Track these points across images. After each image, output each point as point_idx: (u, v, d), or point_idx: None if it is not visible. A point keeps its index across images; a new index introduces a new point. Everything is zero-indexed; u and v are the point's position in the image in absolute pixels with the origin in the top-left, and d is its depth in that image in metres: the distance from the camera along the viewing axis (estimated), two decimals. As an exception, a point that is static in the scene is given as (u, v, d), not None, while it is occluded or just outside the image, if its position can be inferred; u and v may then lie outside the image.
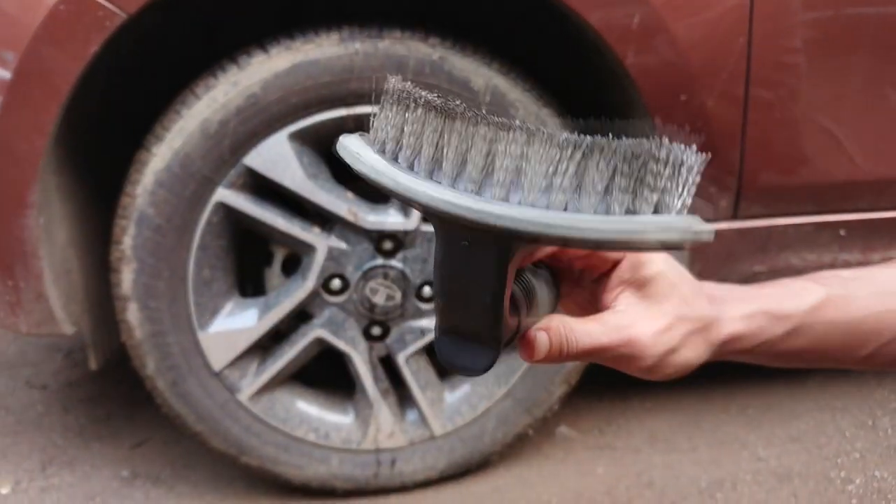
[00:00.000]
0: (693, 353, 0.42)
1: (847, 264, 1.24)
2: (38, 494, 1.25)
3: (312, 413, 1.19)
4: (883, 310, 0.47)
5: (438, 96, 0.36)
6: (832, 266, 1.23)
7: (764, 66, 1.08)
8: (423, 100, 0.36)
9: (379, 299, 1.14)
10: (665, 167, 0.33)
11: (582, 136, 0.34)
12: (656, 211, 0.33)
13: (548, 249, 0.42)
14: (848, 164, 1.17)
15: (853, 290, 0.47)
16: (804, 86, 1.11)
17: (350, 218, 1.09)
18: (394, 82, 0.37)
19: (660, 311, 0.40)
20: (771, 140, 1.13)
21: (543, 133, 0.34)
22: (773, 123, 1.12)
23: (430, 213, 0.35)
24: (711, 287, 0.45)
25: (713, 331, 0.42)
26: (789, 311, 0.45)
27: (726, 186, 1.15)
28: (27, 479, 1.29)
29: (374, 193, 1.14)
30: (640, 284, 0.41)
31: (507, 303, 0.37)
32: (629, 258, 0.41)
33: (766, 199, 1.18)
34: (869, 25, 1.11)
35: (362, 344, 1.17)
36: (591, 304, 0.43)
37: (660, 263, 0.41)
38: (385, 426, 1.19)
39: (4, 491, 1.26)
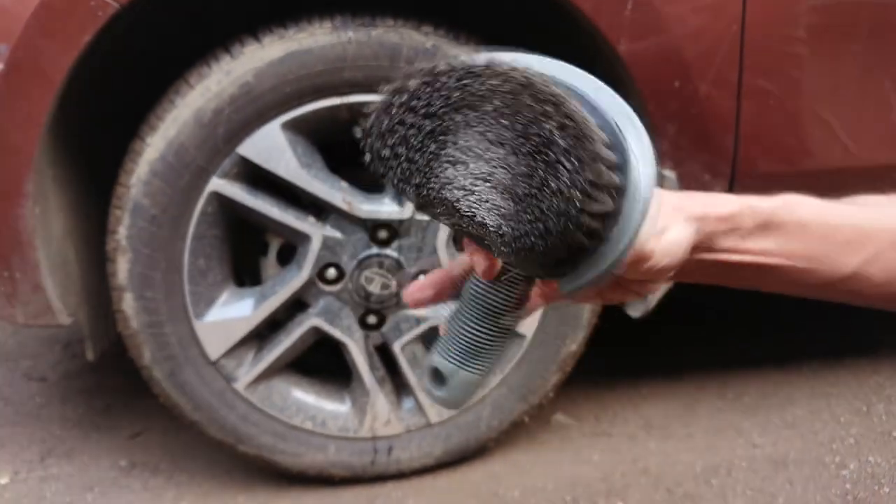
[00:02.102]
0: (677, 232, 0.42)
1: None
2: (37, 484, 1.25)
3: (309, 402, 1.20)
4: (864, 222, 0.46)
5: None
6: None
7: (757, 52, 1.08)
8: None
9: (374, 288, 1.14)
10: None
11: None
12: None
13: None
14: (843, 151, 1.17)
15: (830, 203, 0.47)
16: (798, 72, 1.11)
17: (345, 207, 1.10)
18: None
19: None
20: (765, 127, 1.13)
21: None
22: (767, 110, 1.12)
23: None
24: (682, 196, 0.45)
25: (686, 209, 0.43)
26: (757, 202, 0.45)
27: (720, 173, 1.15)
28: (26, 469, 1.30)
29: (368, 183, 1.14)
30: None
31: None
32: None
33: (760, 186, 1.18)
34: (864, 11, 1.11)
35: (358, 333, 1.17)
36: None
37: None
38: (381, 414, 1.19)
39: (3, 481, 1.26)
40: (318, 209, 1.12)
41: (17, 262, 1.06)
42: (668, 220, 0.42)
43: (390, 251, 1.13)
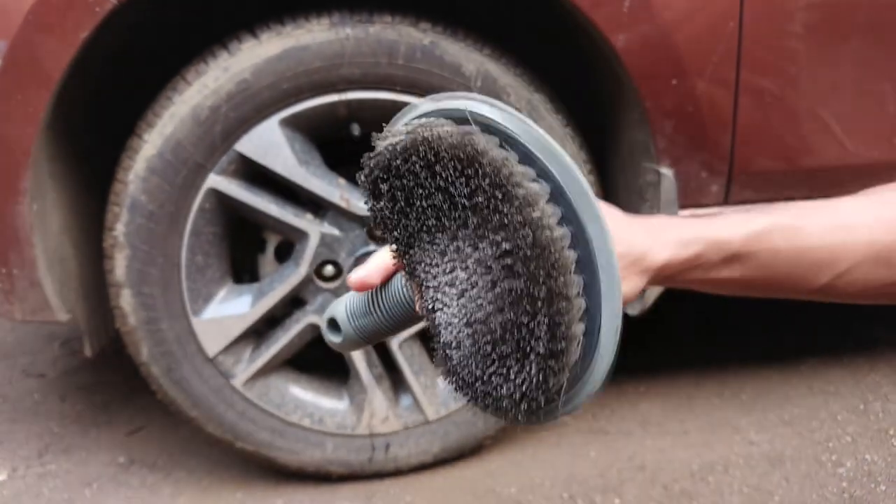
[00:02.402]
0: (629, 286, 0.42)
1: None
2: (36, 481, 1.26)
3: (307, 399, 1.20)
4: (837, 241, 0.46)
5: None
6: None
7: (755, 49, 1.08)
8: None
9: (372, 285, 1.14)
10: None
11: None
12: None
13: None
14: (840, 149, 1.17)
15: (807, 220, 0.46)
16: (795, 70, 1.11)
17: (342, 204, 1.10)
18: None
19: None
20: (762, 124, 1.13)
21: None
22: (764, 108, 1.12)
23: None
24: (651, 218, 0.45)
25: (646, 260, 0.42)
26: (727, 237, 0.44)
27: (717, 171, 1.15)
28: (24, 465, 1.30)
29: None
30: None
31: None
32: None
33: (757, 184, 1.18)
34: (861, 9, 1.11)
35: (356, 330, 1.17)
36: None
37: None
38: (379, 411, 1.20)
39: (1, 477, 1.27)
40: (316, 206, 1.12)
41: (14, 258, 1.06)
42: (623, 274, 0.42)
43: (388, 248, 1.13)
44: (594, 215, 0.33)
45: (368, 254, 1.13)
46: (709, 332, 1.75)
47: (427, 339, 1.21)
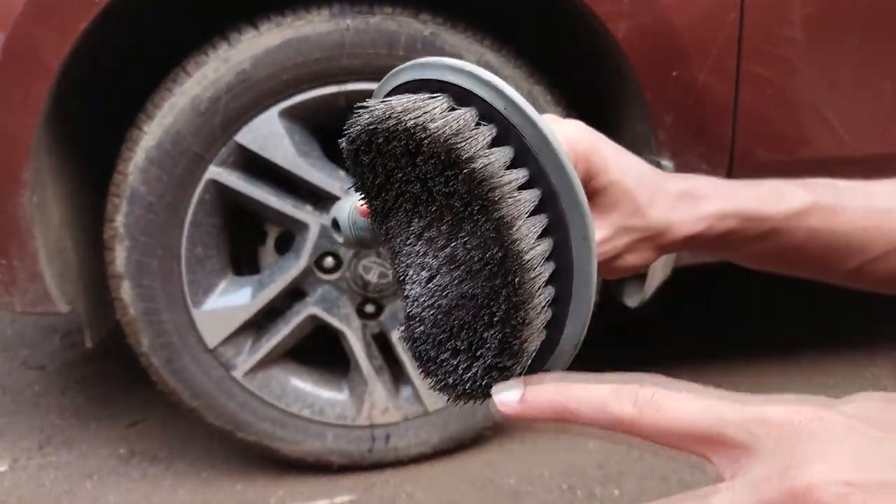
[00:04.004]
0: (638, 258, 0.42)
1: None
2: (36, 472, 1.26)
3: (307, 390, 1.20)
4: (872, 225, 0.45)
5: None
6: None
7: (756, 40, 1.08)
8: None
9: (372, 277, 1.14)
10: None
11: None
12: None
13: None
14: (840, 141, 1.17)
15: (844, 201, 0.45)
16: (796, 61, 1.11)
17: (342, 195, 1.10)
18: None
19: (602, 222, 0.41)
20: (763, 116, 1.13)
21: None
22: (764, 99, 1.12)
23: None
24: (689, 181, 0.43)
25: (666, 235, 0.42)
26: (768, 213, 0.43)
27: (718, 163, 1.15)
28: (25, 457, 1.30)
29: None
30: (590, 196, 0.40)
31: None
32: (580, 172, 0.39)
33: (757, 176, 1.18)
34: (861, 1, 1.11)
35: (356, 321, 1.18)
36: None
37: (614, 172, 0.40)
38: (379, 402, 1.20)
39: (2, 469, 1.27)
40: (316, 197, 1.12)
41: (15, 250, 1.06)
42: (631, 248, 0.41)
43: (388, 240, 1.13)
44: (583, 231, 0.31)
45: (368, 245, 1.13)
46: (708, 325, 1.75)
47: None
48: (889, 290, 0.49)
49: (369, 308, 1.18)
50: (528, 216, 0.31)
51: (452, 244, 0.33)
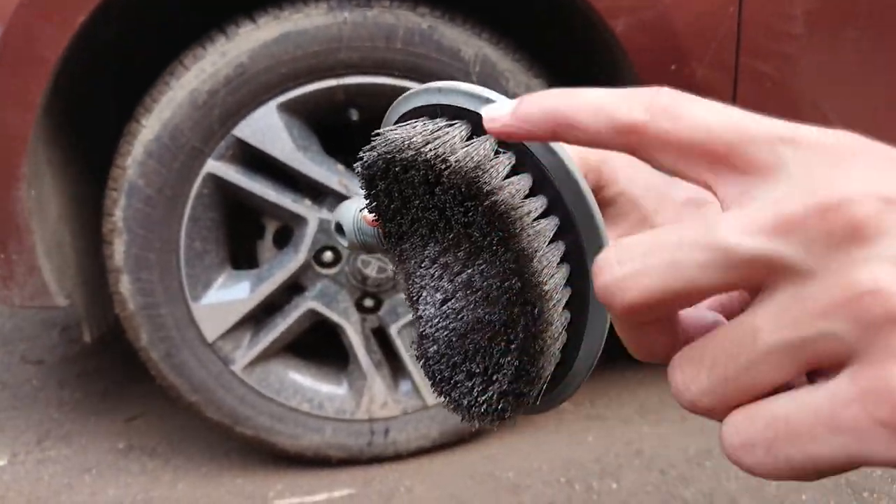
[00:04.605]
0: None
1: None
2: (35, 467, 1.26)
3: (306, 384, 1.20)
4: None
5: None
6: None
7: (754, 35, 1.07)
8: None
9: (371, 271, 1.14)
10: None
11: None
12: None
13: None
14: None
15: None
16: (795, 55, 1.11)
17: (341, 190, 1.10)
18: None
19: (612, 234, 0.40)
20: (761, 110, 1.12)
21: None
22: (763, 93, 1.12)
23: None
24: (698, 188, 0.42)
25: None
26: None
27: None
28: (24, 451, 1.30)
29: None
30: (600, 206, 0.40)
31: None
32: (592, 180, 0.38)
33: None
34: (861, -6, 1.11)
35: (355, 316, 1.18)
36: None
37: (623, 182, 0.39)
38: (378, 396, 1.20)
39: (1, 463, 1.27)
40: (315, 192, 1.12)
41: (13, 244, 1.06)
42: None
43: (386, 234, 1.13)
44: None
45: (367, 240, 1.13)
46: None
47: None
48: None
49: (368, 302, 1.18)
50: (547, 245, 0.31)
51: (469, 271, 0.33)
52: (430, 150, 0.31)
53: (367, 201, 0.35)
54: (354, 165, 0.35)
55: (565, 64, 1.20)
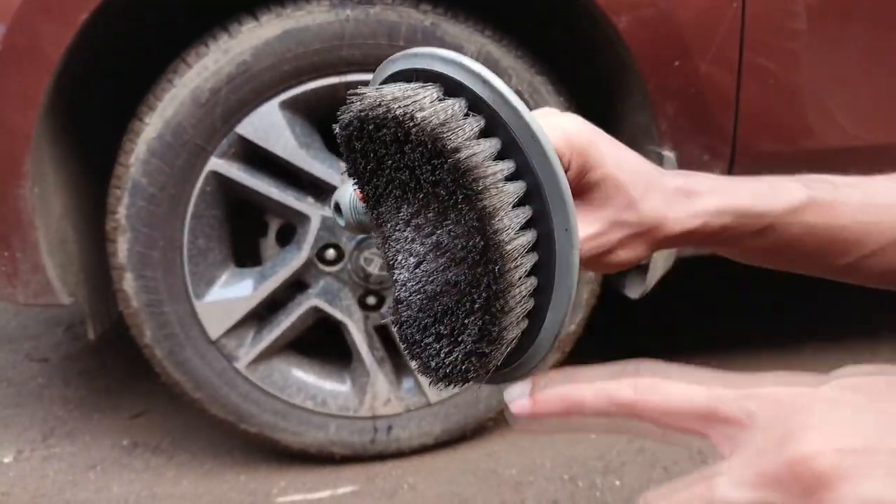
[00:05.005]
0: (631, 253, 0.42)
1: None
2: (40, 463, 1.27)
3: (310, 381, 1.20)
4: (870, 220, 0.44)
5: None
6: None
7: (758, 30, 1.07)
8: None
9: (373, 269, 1.14)
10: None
11: None
12: None
13: None
14: (842, 131, 1.17)
15: (842, 196, 0.44)
16: (799, 51, 1.11)
17: (343, 187, 1.10)
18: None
19: (596, 217, 0.40)
20: (765, 106, 1.12)
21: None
22: (767, 89, 1.11)
23: None
24: (686, 178, 0.43)
25: (659, 231, 0.41)
26: (763, 209, 0.43)
27: (720, 153, 1.15)
28: (29, 448, 1.31)
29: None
30: (585, 190, 0.40)
31: None
32: (576, 165, 0.39)
33: (759, 166, 1.18)
34: (865, -10, 1.10)
35: (358, 313, 1.18)
36: None
37: (609, 167, 0.40)
38: (381, 394, 1.20)
39: (7, 460, 1.28)
40: (317, 189, 1.12)
41: (17, 241, 1.06)
42: (623, 243, 0.41)
43: (389, 231, 1.13)
44: (566, 223, 0.32)
45: (369, 238, 1.13)
46: (710, 317, 1.75)
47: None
48: (884, 285, 0.48)
49: (371, 300, 1.18)
50: (513, 207, 0.32)
51: (438, 231, 0.33)
52: (400, 107, 0.32)
53: (346, 164, 0.36)
54: (333, 125, 0.36)
55: (568, 60, 1.20)
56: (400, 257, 0.36)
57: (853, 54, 1.13)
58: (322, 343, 1.26)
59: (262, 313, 1.18)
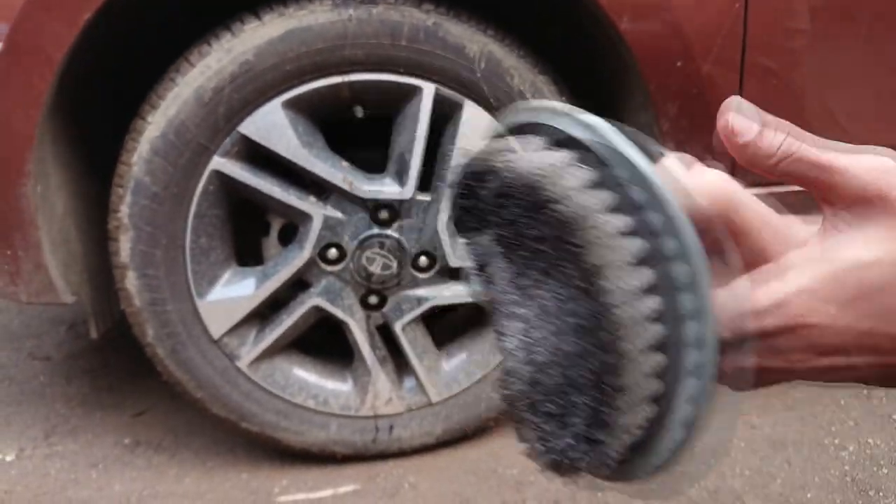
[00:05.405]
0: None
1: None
2: (42, 461, 1.27)
3: (311, 380, 1.21)
4: None
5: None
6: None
7: (760, 31, 1.07)
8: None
9: (375, 268, 1.15)
10: None
11: None
12: None
13: None
14: (845, 132, 1.17)
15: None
16: (801, 52, 1.10)
17: (346, 187, 1.10)
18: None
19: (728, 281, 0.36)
20: (767, 107, 1.12)
21: None
22: (769, 90, 1.11)
23: None
24: (814, 231, 0.35)
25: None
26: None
27: (721, 154, 1.15)
28: (31, 446, 1.31)
29: (369, 163, 1.14)
30: (717, 251, 0.34)
31: None
32: (714, 228, 0.33)
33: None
34: (869, -10, 1.10)
35: (359, 312, 1.18)
36: None
37: (752, 234, 0.34)
38: (383, 393, 1.20)
39: (9, 458, 1.28)
40: (320, 189, 1.12)
41: (19, 240, 1.07)
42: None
43: (391, 231, 1.13)
44: (699, 292, 0.27)
45: (371, 237, 1.13)
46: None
47: (430, 322, 1.22)
48: None
49: (373, 299, 1.18)
50: (630, 268, 0.27)
51: (543, 293, 0.30)
52: (500, 159, 0.30)
53: (455, 224, 0.33)
54: (446, 181, 0.34)
55: (570, 60, 1.20)
56: (507, 323, 0.32)
57: (855, 54, 1.13)
58: (324, 342, 1.26)
59: (264, 312, 1.18)
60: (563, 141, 0.30)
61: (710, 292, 0.28)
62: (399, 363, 1.22)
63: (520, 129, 0.32)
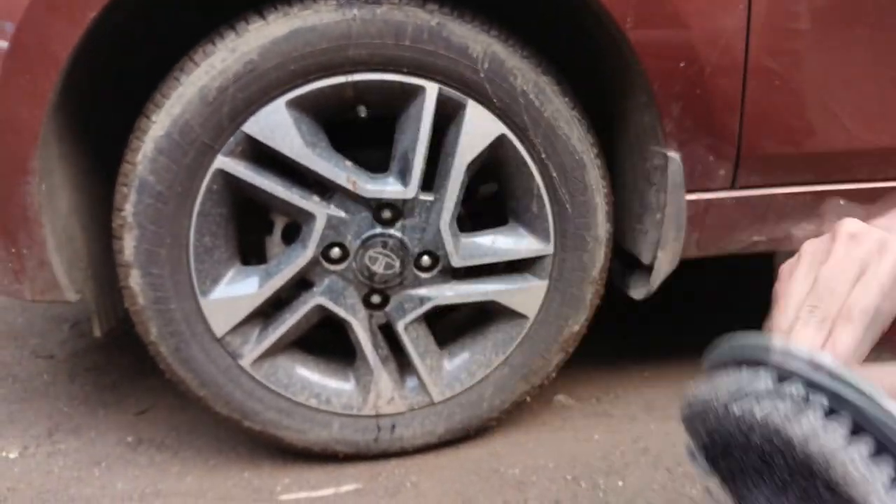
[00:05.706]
0: None
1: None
2: (45, 459, 1.27)
3: (314, 379, 1.21)
4: None
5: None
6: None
7: (764, 33, 1.07)
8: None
9: (378, 268, 1.15)
10: None
11: None
12: None
13: None
14: (847, 134, 1.17)
15: None
16: (804, 53, 1.11)
17: (349, 186, 1.10)
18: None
19: None
20: (770, 108, 1.13)
21: None
22: (772, 91, 1.11)
23: None
24: None
25: None
26: None
27: (725, 155, 1.15)
28: (34, 444, 1.32)
29: (372, 162, 1.15)
30: None
31: None
32: None
33: (765, 169, 1.18)
34: (872, -8, 1.10)
35: (362, 312, 1.18)
36: None
37: None
38: (385, 392, 1.20)
39: (12, 456, 1.28)
40: (323, 188, 1.13)
41: (23, 238, 1.07)
42: None
43: (394, 231, 1.14)
44: None
45: (374, 237, 1.13)
46: (713, 317, 1.75)
47: (432, 321, 1.22)
48: None
49: (375, 299, 1.18)
50: (886, 491, 0.29)
51: None
52: (736, 405, 0.32)
53: (695, 447, 0.35)
54: (680, 408, 0.35)
55: (573, 60, 1.20)
56: None
57: (859, 56, 1.13)
58: (326, 341, 1.27)
59: (267, 311, 1.19)
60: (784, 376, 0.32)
61: None
62: (401, 362, 1.23)
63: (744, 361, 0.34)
